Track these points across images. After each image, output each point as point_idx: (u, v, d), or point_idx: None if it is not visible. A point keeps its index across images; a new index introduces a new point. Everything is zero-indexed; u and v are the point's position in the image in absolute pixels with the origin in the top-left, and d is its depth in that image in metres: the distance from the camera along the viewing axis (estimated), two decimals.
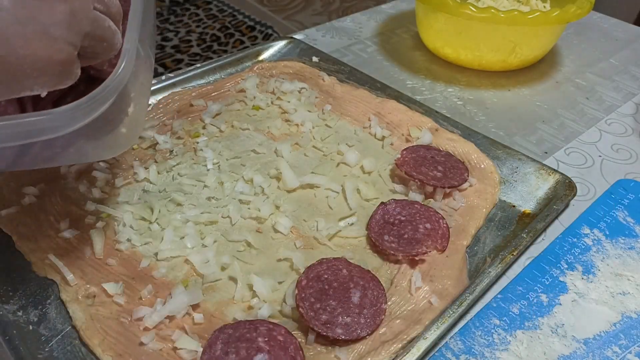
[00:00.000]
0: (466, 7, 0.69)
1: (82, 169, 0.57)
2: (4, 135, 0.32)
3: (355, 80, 0.75)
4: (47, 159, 0.39)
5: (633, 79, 0.81)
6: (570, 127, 0.70)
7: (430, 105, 0.70)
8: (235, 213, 0.53)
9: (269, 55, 0.81)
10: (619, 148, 0.66)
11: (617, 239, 0.52)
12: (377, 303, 0.44)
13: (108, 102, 0.36)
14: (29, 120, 0.32)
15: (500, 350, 0.42)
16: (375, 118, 0.66)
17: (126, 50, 0.38)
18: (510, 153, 0.61)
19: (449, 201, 0.55)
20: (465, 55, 0.78)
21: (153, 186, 0.56)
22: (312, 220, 0.53)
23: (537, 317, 0.45)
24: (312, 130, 0.65)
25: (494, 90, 0.77)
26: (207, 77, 0.75)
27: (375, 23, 0.96)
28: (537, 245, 0.52)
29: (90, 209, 0.52)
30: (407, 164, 0.57)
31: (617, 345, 0.43)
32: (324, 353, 0.41)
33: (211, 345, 0.40)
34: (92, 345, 0.41)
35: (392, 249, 0.49)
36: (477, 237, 0.52)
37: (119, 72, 0.36)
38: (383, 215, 0.52)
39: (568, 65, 0.84)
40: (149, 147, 0.61)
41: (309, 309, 0.42)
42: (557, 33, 0.78)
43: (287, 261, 0.49)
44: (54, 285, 0.46)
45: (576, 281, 0.48)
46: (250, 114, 0.68)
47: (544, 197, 0.56)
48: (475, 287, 0.45)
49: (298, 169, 0.59)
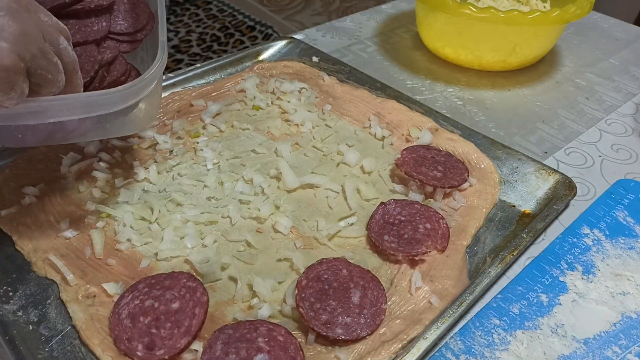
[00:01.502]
0: (466, 7, 0.69)
1: (82, 169, 0.57)
2: (75, 107, 0.40)
3: (355, 80, 0.75)
4: (80, 135, 0.46)
5: (633, 79, 0.81)
6: (570, 127, 0.70)
7: (430, 105, 0.71)
8: (235, 213, 0.53)
9: (269, 55, 0.81)
10: (619, 148, 0.66)
11: (617, 239, 0.52)
12: (377, 303, 0.44)
13: (152, 85, 0.44)
14: (92, 98, 0.41)
15: (500, 350, 0.42)
16: (375, 118, 0.66)
17: (162, 43, 0.46)
18: (510, 153, 0.61)
19: (449, 201, 0.55)
20: (465, 55, 0.78)
21: (153, 186, 0.56)
22: (312, 220, 0.53)
23: (537, 317, 0.45)
24: (312, 130, 0.65)
25: (494, 90, 0.77)
26: (207, 77, 0.75)
27: (375, 23, 0.96)
28: (537, 245, 0.52)
29: (90, 209, 0.52)
30: (407, 164, 0.57)
31: (617, 345, 0.43)
32: (324, 353, 0.41)
33: (211, 346, 0.40)
34: (92, 345, 0.41)
35: (392, 249, 0.49)
36: (477, 237, 0.52)
37: (160, 61, 0.44)
38: (383, 215, 0.52)
39: (568, 65, 0.84)
40: (149, 147, 0.61)
41: (309, 309, 0.42)
42: (557, 33, 0.78)
43: (287, 261, 0.49)
44: (54, 285, 0.46)
45: (576, 281, 0.48)
46: (250, 114, 0.68)
47: (544, 197, 0.56)
48: (475, 287, 0.45)
49: (298, 169, 0.59)
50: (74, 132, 0.45)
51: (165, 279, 0.44)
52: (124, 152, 0.60)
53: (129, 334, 0.41)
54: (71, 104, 0.40)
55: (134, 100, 0.43)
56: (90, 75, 0.48)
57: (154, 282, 0.44)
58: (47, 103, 0.39)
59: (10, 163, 0.57)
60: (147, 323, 0.41)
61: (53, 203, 0.53)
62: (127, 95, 0.42)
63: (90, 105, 0.41)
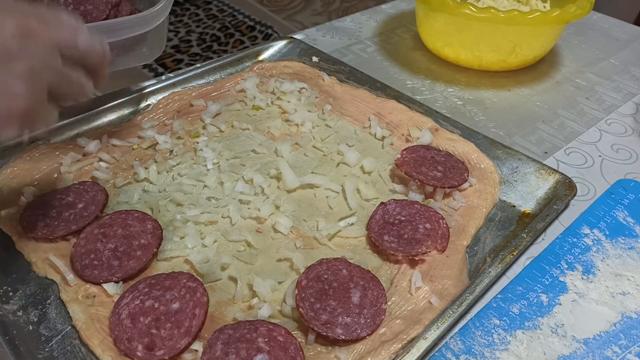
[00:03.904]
0: (466, 7, 0.69)
1: (82, 169, 0.57)
2: (103, 30, 0.51)
3: (355, 80, 0.75)
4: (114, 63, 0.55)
5: (633, 79, 0.81)
6: (570, 127, 0.70)
7: (430, 105, 0.70)
8: (235, 213, 0.53)
9: (269, 55, 0.81)
10: (619, 148, 0.66)
11: (617, 239, 0.52)
12: (377, 303, 0.44)
13: (168, 9, 0.56)
14: (116, 23, 0.54)
15: (500, 350, 0.42)
16: (375, 118, 0.66)
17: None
18: (510, 153, 0.61)
19: (449, 201, 0.55)
20: (465, 55, 0.78)
21: (153, 186, 0.56)
22: (312, 220, 0.53)
23: (537, 317, 0.45)
24: (312, 130, 0.65)
25: (494, 90, 0.77)
26: (207, 77, 0.75)
27: (375, 23, 0.96)
28: (537, 245, 0.52)
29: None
30: (407, 164, 0.57)
31: (617, 345, 0.43)
32: (324, 353, 0.41)
33: (211, 346, 0.40)
34: (92, 345, 0.41)
35: (392, 249, 0.49)
36: (477, 237, 0.52)
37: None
38: (383, 215, 0.52)
39: (568, 65, 0.84)
40: (149, 147, 0.61)
41: (309, 309, 0.42)
42: (557, 33, 0.78)
43: (287, 261, 0.49)
44: (54, 285, 0.46)
45: (576, 281, 0.48)
46: (250, 114, 0.68)
47: (544, 197, 0.56)
48: (475, 287, 0.45)
49: (298, 169, 0.59)
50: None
51: (166, 279, 0.44)
52: (124, 152, 0.60)
53: (129, 334, 0.41)
54: (101, 28, 0.51)
55: (151, 25, 0.54)
56: (105, 14, 0.58)
57: (154, 282, 0.44)
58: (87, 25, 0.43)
59: (11, 163, 0.57)
60: (147, 323, 0.41)
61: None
62: (144, 20, 0.53)
63: (115, 29, 0.52)
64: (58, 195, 0.52)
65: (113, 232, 0.48)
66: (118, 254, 0.47)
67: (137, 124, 0.64)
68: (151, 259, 0.48)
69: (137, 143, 0.61)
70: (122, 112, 0.66)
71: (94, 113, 0.65)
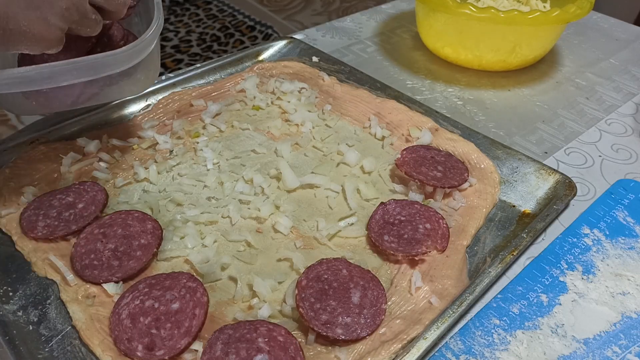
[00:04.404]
0: (466, 7, 0.69)
1: (82, 169, 0.57)
2: (83, 70, 0.44)
3: (355, 80, 0.75)
4: (94, 96, 0.51)
5: (633, 79, 0.81)
6: (570, 127, 0.70)
7: (430, 105, 0.70)
8: (235, 213, 0.53)
9: (269, 55, 0.81)
10: (619, 148, 0.66)
11: (617, 239, 0.52)
12: (377, 303, 0.44)
13: (152, 45, 0.48)
14: (98, 60, 0.44)
15: (500, 350, 0.42)
16: (375, 118, 0.66)
17: (158, 3, 0.50)
18: (510, 153, 0.61)
19: (449, 201, 0.55)
20: (465, 55, 0.78)
21: (153, 186, 0.56)
22: (312, 220, 0.53)
23: (537, 317, 0.45)
24: (312, 130, 0.65)
25: (494, 90, 0.77)
26: (207, 77, 0.75)
27: (375, 23, 0.96)
28: (537, 245, 0.52)
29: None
30: (407, 164, 0.57)
31: (617, 345, 0.43)
32: (324, 353, 0.41)
33: (211, 346, 0.40)
34: (92, 345, 0.41)
35: (392, 249, 0.49)
36: (477, 237, 0.52)
37: (157, 22, 0.48)
38: (383, 215, 0.52)
39: (568, 65, 0.84)
40: (149, 147, 0.61)
41: (309, 309, 0.42)
42: (557, 33, 0.78)
43: (287, 261, 0.49)
44: (54, 285, 0.46)
45: (576, 281, 0.48)
46: (250, 114, 0.68)
47: (544, 197, 0.56)
48: (475, 287, 0.45)
49: (298, 169, 0.59)
50: (82, 96, 0.50)
51: (166, 279, 0.44)
52: (124, 152, 0.60)
53: (129, 334, 0.41)
54: (80, 66, 0.44)
55: (137, 59, 0.47)
56: (91, 41, 0.52)
57: (154, 282, 0.44)
58: (58, 67, 0.43)
59: (11, 163, 0.57)
60: (147, 323, 0.41)
61: None
62: (130, 55, 0.46)
63: (97, 66, 0.45)
64: (58, 195, 0.52)
65: (113, 232, 0.48)
66: (118, 254, 0.47)
67: (137, 124, 0.64)
68: (151, 259, 0.48)
69: (137, 143, 0.61)
70: (122, 112, 0.66)
71: (94, 113, 0.65)
